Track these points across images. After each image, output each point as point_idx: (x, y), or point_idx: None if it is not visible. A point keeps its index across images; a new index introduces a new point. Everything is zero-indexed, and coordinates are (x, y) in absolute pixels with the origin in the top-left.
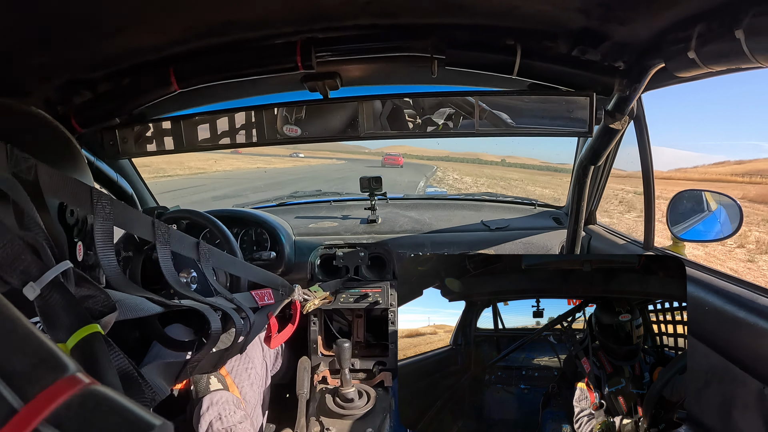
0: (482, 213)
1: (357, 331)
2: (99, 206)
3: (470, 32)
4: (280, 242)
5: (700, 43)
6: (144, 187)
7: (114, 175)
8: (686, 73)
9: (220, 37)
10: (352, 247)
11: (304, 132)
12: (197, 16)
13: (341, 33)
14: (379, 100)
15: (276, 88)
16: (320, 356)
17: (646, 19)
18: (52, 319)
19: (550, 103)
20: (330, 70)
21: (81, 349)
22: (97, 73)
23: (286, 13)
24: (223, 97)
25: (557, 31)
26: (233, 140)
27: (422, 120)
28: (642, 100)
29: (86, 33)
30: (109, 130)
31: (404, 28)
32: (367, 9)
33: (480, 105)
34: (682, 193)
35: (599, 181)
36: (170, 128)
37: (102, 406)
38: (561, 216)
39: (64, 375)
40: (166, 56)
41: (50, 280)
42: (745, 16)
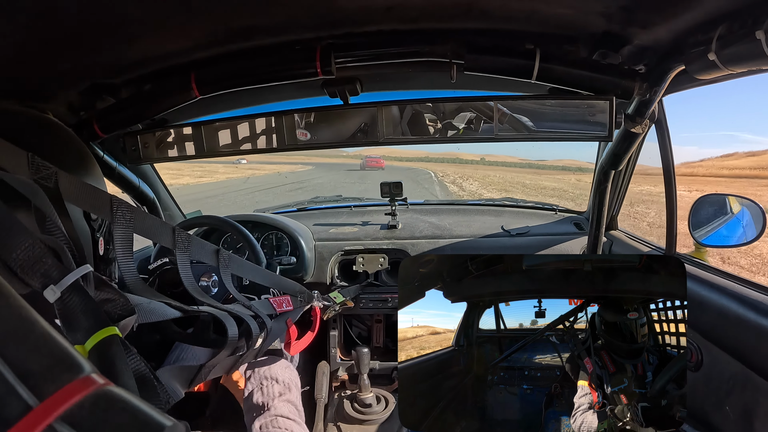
0: (502, 218)
1: (376, 336)
2: (119, 214)
3: (490, 37)
4: (300, 247)
5: (721, 45)
6: (166, 193)
7: (136, 180)
8: (707, 75)
9: (241, 43)
10: (372, 253)
11: (323, 138)
12: (219, 22)
13: (361, 38)
14: (399, 105)
15: (296, 93)
16: (339, 361)
17: (666, 21)
18: (71, 322)
19: (570, 108)
20: (350, 76)
21: (98, 351)
22: (119, 79)
23: (307, 19)
24: (243, 103)
25: (577, 35)
26: (254, 146)
27: (442, 125)
28: (663, 103)
29: (109, 38)
30: (131, 136)
31: (424, 33)
32: (388, 14)
33: (500, 109)
34: (704, 197)
35: (621, 185)
36: (191, 134)
37: (115, 407)
38: (582, 221)
39: (79, 375)
40: (188, 62)
41: (70, 283)
42: (766, 18)
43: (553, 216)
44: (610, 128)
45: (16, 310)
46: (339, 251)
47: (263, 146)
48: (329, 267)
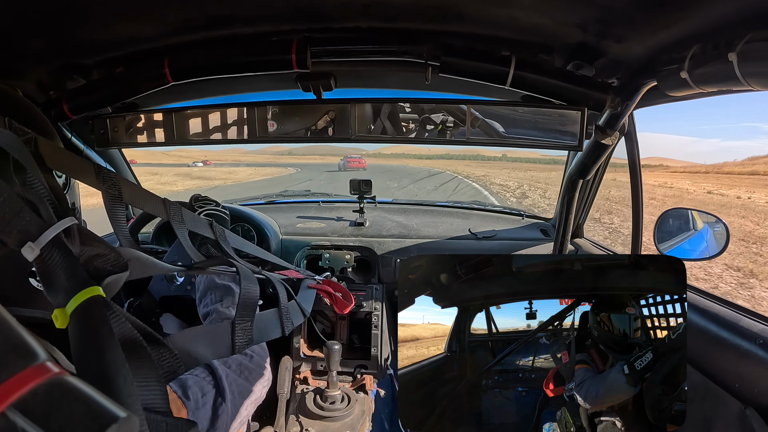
0: (469, 221)
1: (340, 333)
2: (107, 183)
3: (466, 41)
4: (267, 240)
5: (694, 65)
6: (133, 178)
7: (103, 164)
8: (678, 92)
9: (217, 30)
10: (338, 249)
11: (295, 132)
12: (195, 8)
13: (338, 34)
14: (372, 103)
15: (270, 85)
16: (302, 357)
17: (642, 37)
18: (52, 282)
19: (542, 116)
20: (324, 71)
21: (81, 315)
22: (91, 60)
23: (285, 10)
24: (216, 92)
25: (553, 44)
26: (224, 136)
27: (414, 125)
28: (633, 117)
29: (83, 18)
30: (100, 118)
31: (401, 33)
32: (366, 12)
33: (472, 113)
34: (669, 211)
35: (588, 195)
36: (161, 120)
37: (68, 395)
38: (548, 228)
39: (33, 363)
40: (162, 47)
41: (51, 238)
42: (739, 41)
43: (520, 221)
44: (581, 138)
45: None
46: (306, 246)
47: (234, 137)
48: (295, 262)
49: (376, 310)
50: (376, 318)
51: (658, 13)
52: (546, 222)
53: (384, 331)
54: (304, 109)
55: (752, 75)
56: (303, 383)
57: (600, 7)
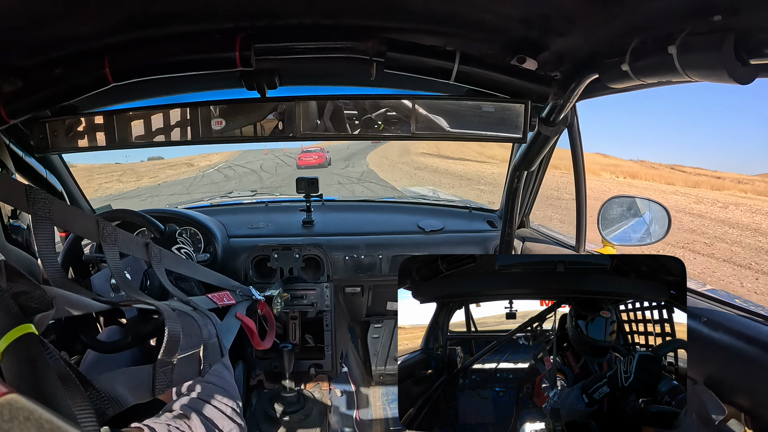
0: (418, 216)
1: (292, 333)
2: (37, 205)
3: (411, 36)
4: (213, 243)
5: (634, 57)
6: (74, 185)
7: (43, 171)
8: (619, 84)
9: (158, 28)
10: (286, 249)
11: (240, 131)
12: (136, 5)
13: (282, 31)
14: (317, 100)
15: (214, 84)
16: (256, 359)
17: (584, 31)
18: None
19: (486, 109)
20: (269, 68)
21: (13, 352)
22: (29, 61)
23: (227, 7)
24: (159, 93)
25: (497, 39)
26: (167, 138)
27: (359, 122)
28: (576, 109)
29: (19, 16)
30: (39, 123)
31: (345, 29)
32: (311, 8)
33: (417, 109)
34: (613, 198)
35: (532, 186)
36: (103, 123)
37: (18, 416)
38: (495, 219)
39: None
40: (102, 46)
41: None
42: (679, 34)
43: (467, 214)
44: (525, 131)
45: None
46: (253, 247)
47: (177, 138)
48: (243, 264)
49: (327, 308)
50: (327, 317)
51: (599, 7)
52: (492, 213)
53: (337, 330)
54: (248, 108)
55: (691, 66)
56: (258, 387)
57: (542, 2)
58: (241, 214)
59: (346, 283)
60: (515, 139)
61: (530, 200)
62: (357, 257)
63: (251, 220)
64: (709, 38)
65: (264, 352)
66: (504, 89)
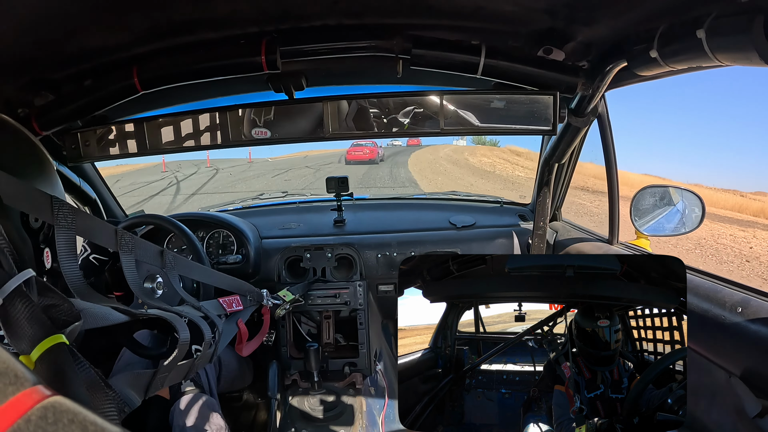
0: (449, 212)
1: (326, 332)
2: (60, 215)
3: (435, 32)
4: (246, 245)
5: (662, 43)
6: (108, 192)
7: (77, 179)
8: (648, 71)
9: (184, 36)
10: (318, 249)
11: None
12: (161, 15)
13: (307, 33)
14: (345, 100)
15: (241, 88)
16: (290, 359)
17: (609, 19)
18: (15, 330)
19: (514, 102)
20: (295, 70)
21: (46, 361)
22: (59, 74)
23: (251, 12)
24: (187, 99)
25: (522, 31)
26: (197, 143)
27: (388, 119)
28: (606, 98)
29: (49, 32)
30: (71, 133)
31: (370, 28)
32: (334, 8)
33: (445, 104)
34: (645, 188)
35: (564, 179)
36: (133, 131)
37: (63, 419)
38: (527, 213)
39: (23, 388)
40: (130, 56)
41: (12, 289)
42: (706, 17)
43: (498, 209)
44: (554, 122)
45: None
46: (285, 248)
47: (207, 143)
48: (276, 265)
49: (360, 306)
50: (361, 315)
51: None
52: (524, 208)
53: (371, 328)
54: (276, 110)
55: (721, 50)
56: (293, 386)
57: None
58: (272, 215)
59: (379, 281)
60: (545, 131)
61: (562, 193)
62: (389, 255)
63: (283, 221)
64: (738, 20)
65: (297, 352)
66: (532, 81)
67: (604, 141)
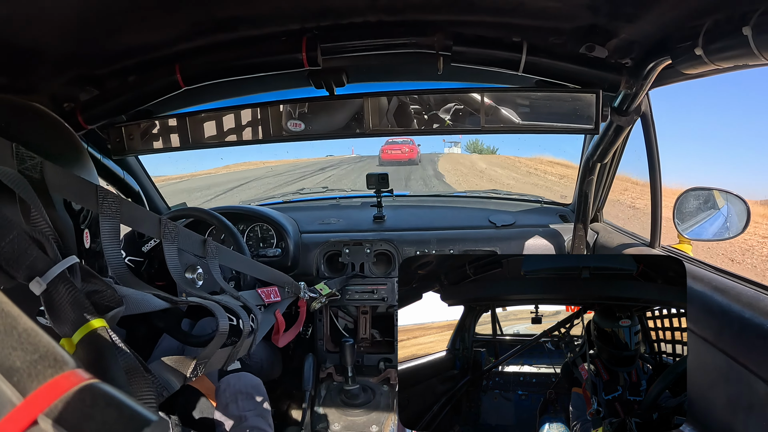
0: (488, 211)
1: (363, 327)
2: (105, 204)
3: (476, 29)
4: (285, 239)
5: (707, 40)
6: (151, 184)
7: (120, 172)
8: (693, 69)
9: (225, 33)
10: (357, 244)
11: (310, 129)
12: (203, 13)
13: (347, 30)
14: (385, 96)
15: (282, 84)
16: (326, 353)
17: (653, 15)
18: (58, 314)
19: (556, 100)
20: (336, 66)
21: (87, 344)
22: (103, 70)
23: (293, 9)
24: (229, 94)
25: (564, 27)
26: (239, 137)
27: (428, 116)
28: (649, 97)
29: (93, 29)
30: (115, 127)
31: (411, 25)
32: (374, 5)
33: (486, 101)
34: (689, 191)
35: (606, 179)
36: (176, 125)
37: (100, 401)
38: (567, 214)
39: (63, 371)
40: (172, 53)
41: (56, 275)
42: (753, 14)
43: (539, 208)
44: (597, 121)
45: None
46: (324, 243)
47: (249, 138)
48: (315, 259)
49: (397, 303)
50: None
51: None
52: (564, 207)
53: None
54: (317, 106)
55: (767, 48)
56: (327, 379)
57: None
58: (312, 210)
59: None
60: (587, 130)
61: (604, 194)
62: (428, 252)
63: (323, 216)
64: None
65: (333, 346)
66: (574, 79)
67: (648, 140)
